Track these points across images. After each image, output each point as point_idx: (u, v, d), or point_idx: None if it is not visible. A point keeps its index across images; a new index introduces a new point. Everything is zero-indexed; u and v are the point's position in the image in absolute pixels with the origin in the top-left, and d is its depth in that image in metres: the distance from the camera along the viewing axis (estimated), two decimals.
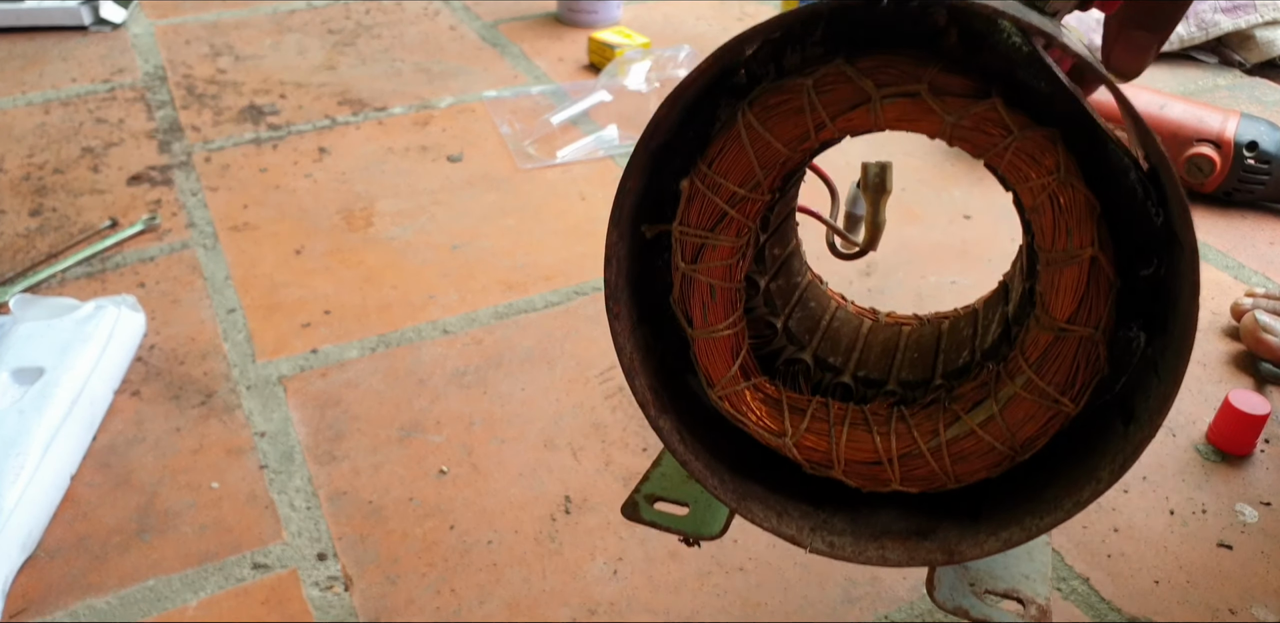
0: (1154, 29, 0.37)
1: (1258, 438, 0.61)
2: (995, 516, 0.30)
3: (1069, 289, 0.27)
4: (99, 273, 0.76)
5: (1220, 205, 0.87)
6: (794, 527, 0.32)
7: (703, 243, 0.30)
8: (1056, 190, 0.27)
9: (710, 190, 0.30)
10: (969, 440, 0.29)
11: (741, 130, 0.29)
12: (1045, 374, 0.28)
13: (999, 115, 0.27)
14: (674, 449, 0.32)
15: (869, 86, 0.27)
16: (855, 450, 0.30)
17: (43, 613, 0.51)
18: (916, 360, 0.34)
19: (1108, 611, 0.52)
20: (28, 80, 1.03)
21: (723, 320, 0.31)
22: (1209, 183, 0.85)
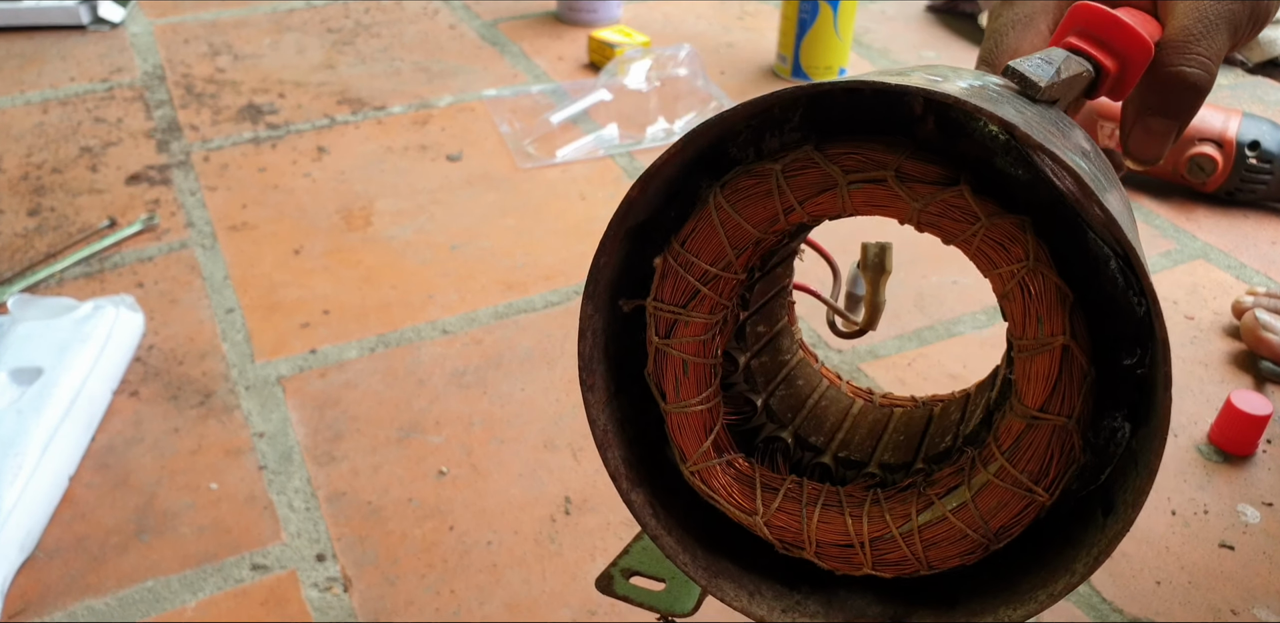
0: (1171, 116, 0.36)
1: (1260, 438, 0.61)
2: (970, 604, 0.29)
3: (1040, 377, 0.27)
4: (97, 273, 0.76)
5: (1222, 205, 0.87)
6: (765, 607, 0.31)
7: (675, 319, 0.31)
8: (1026, 278, 0.27)
9: (683, 268, 0.30)
10: (941, 526, 0.29)
11: (713, 211, 0.29)
12: (1018, 462, 0.28)
13: (966, 202, 0.27)
14: (645, 524, 0.32)
15: (835, 172, 0.28)
16: (827, 532, 0.30)
17: (41, 614, 0.51)
18: (902, 443, 0.34)
19: (1109, 611, 0.52)
20: (26, 79, 1.03)
21: (695, 396, 0.31)
22: (1211, 182, 0.85)
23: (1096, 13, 0.33)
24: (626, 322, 0.33)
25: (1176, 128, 0.37)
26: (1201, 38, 0.36)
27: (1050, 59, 0.30)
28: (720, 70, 1.07)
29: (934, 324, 0.72)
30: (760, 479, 0.31)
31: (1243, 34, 0.37)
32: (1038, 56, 0.30)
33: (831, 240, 0.40)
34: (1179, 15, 0.36)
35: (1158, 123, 0.37)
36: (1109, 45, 0.33)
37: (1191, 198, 0.88)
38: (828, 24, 1.01)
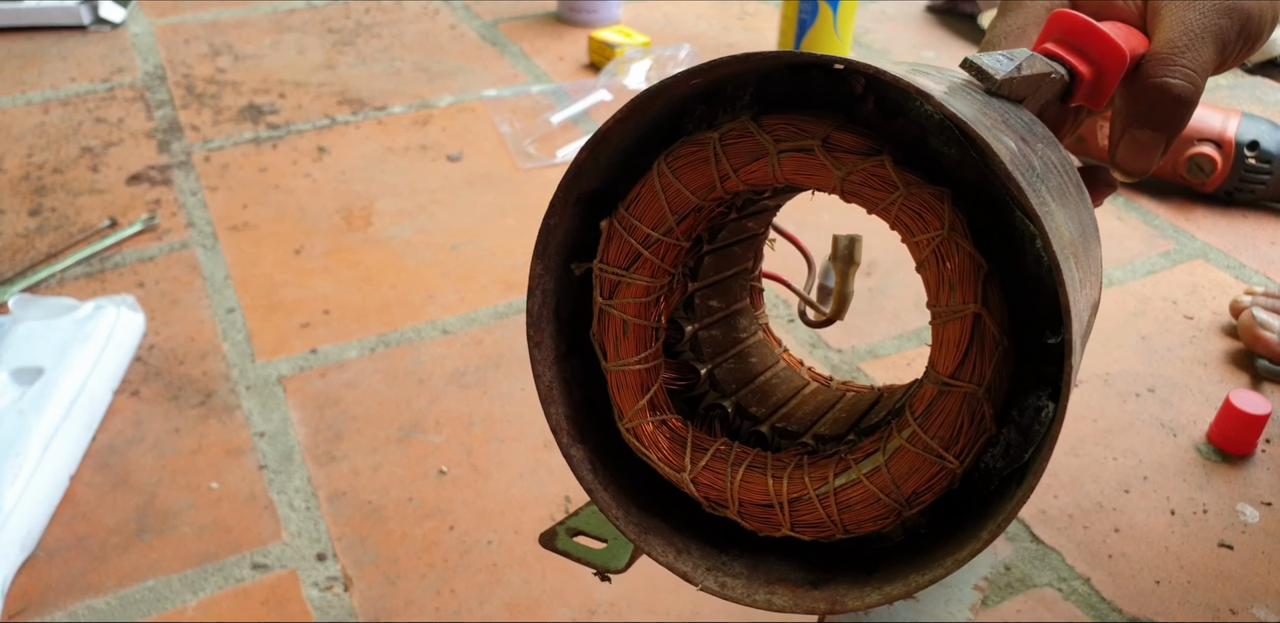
0: (1157, 128, 0.37)
1: (1259, 438, 0.61)
2: (887, 574, 0.31)
3: (951, 344, 0.28)
4: (98, 273, 0.76)
5: (1221, 205, 0.87)
6: (690, 565, 0.33)
7: (619, 280, 0.32)
8: (941, 247, 0.27)
9: (626, 231, 0.32)
10: (856, 489, 0.30)
11: (655, 177, 0.31)
12: (929, 428, 0.28)
13: (887, 172, 0.28)
14: (582, 478, 0.33)
15: (767, 141, 0.29)
16: (749, 491, 0.31)
17: (42, 613, 0.51)
18: (842, 419, 0.35)
19: (1109, 611, 0.52)
20: (27, 80, 1.03)
21: (634, 355, 0.32)
22: (1210, 182, 0.85)
23: (1073, 20, 0.34)
24: (583, 286, 0.34)
25: (1164, 141, 0.37)
26: (1186, 50, 0.36)
27: (1012, 56, 0.31)
28: None
29: None
30: (692, 439, 0.33)
31: (1233, 50, 0.37)
32: (1000, 53, 0.31)
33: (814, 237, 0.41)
34: (1165, 28, 0.36)
35: (1144, 135, 0.37)
36: (1085, 52, 0.34)
37: (1190, 198, 0.88)
38: (827, 24, 1.01)
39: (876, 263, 0.78)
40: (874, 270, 0.77)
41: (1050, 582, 0.54)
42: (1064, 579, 0.54)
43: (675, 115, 0.33)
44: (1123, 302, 0.75)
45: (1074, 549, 0.56)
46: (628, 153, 0.33)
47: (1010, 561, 0.55)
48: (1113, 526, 0.57)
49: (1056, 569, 0.54)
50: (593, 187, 0.33)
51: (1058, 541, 0.56)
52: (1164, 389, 0.67)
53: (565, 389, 0.34)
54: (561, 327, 0.34)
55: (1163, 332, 0.72)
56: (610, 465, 0.34)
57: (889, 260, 0.78)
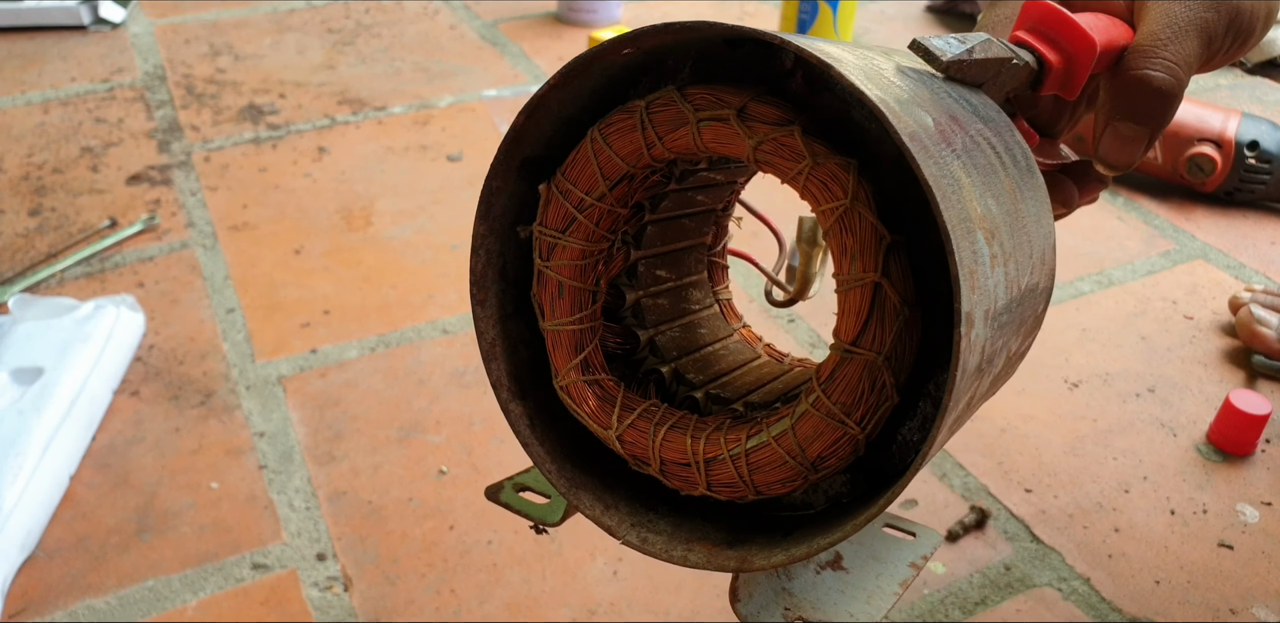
0: (1140, 121, 0.36)
1: (1259, 438, 0.61)
2: (798, 537, 0.32)
3: (853, 312, 0.29)
4: (98, 273, 0.76)
5: (1221, 205, 0.87)
6: (615, 519, 0.34)
7: (555, 243, 0.33)
8: (845, 216, 0.28)
9: (562, 195, 0.33)
10: (765, 451, 0.31)
11: (589, 143, 0.32)
12: (832, 394, 0.29)
13: (796, 142, 0.29)
14: (518, 432, 0.35)
15: (688, 109, 0.30)
16: (670, 450, 0.33)
17: (42, 613, 0.51)
18: (777, 390, 0.36)
19: (1108, 611, 0.52)
20: (27, 80, 1.03)
21: (569, 316, 0.34)
22: (1210, 182, 0.85)
23: (1044, 9, 0.34)
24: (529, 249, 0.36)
25: (1146, 134, 0.37)
26: (1169, 42, 0.35)
27: (965, 39, 0.31)
28: None
29: None
30: (622, 399, 0.34)
31: (1221, 46, 0.37)
32: (951, 35, 0.31)
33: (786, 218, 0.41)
34: (1149, 21, 0.36)
35: (1126, 128, 0.37)
36: (1055, 40, 0.34)
37: (1190, 198, 0.88)
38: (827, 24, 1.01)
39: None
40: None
41: (1050, 582, 0.54)
42: (1064, 579, 0.54)
43: (621, 86, 0.34)
44: (1123, 302, 0.75)
45: (1074, 549, 0.56)
46: (572, 122, 0.34)
47: (1010, 560, 0.55)
48: (1113, 525, 0.57)
49: (1056, 569, 0.54)
50: (537, 153, 0.34)
51: (1057, 540, 0.56)
52: (1164, 389, 0.67)
53: (509, 347, 0.36)
54: (508, 288, 0.36)
55: (1163, 332, 0.72)
56: (550, 425, 0.36)
57: None
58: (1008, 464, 0.61)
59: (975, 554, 0.55)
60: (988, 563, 0.55)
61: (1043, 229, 0.32)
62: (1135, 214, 0.86)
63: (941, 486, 0.59)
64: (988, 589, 0.53)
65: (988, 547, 0.56)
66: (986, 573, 0.54)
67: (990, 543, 0.56)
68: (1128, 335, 0.72)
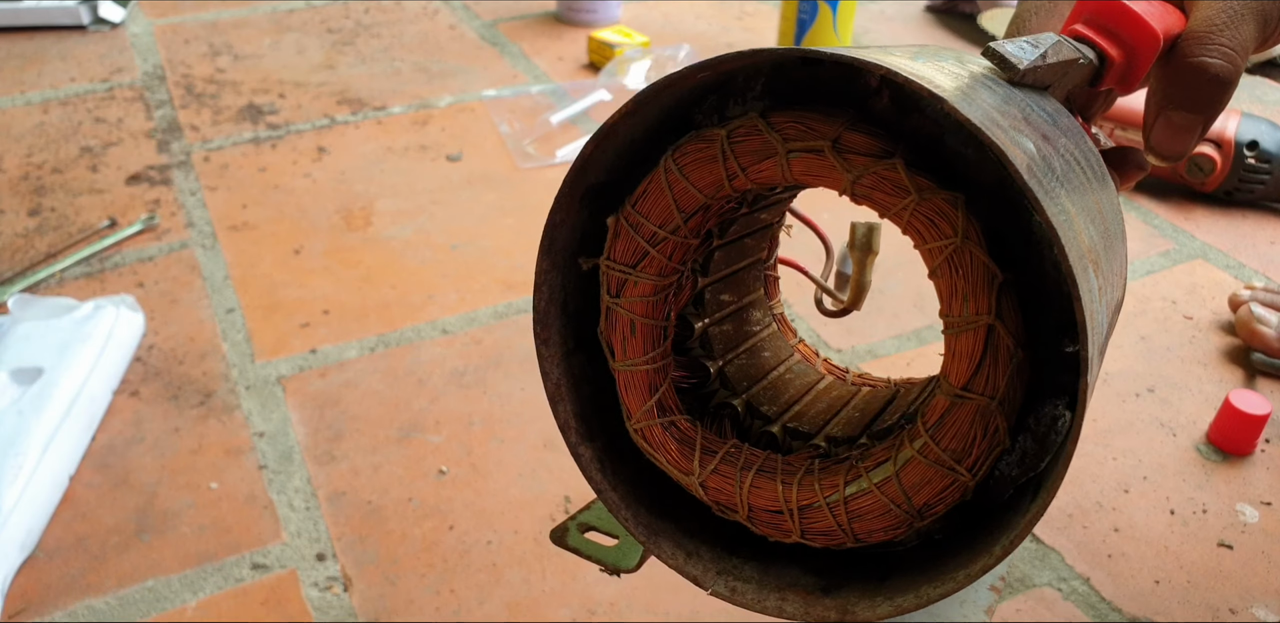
0: (1194, 110, 0.35)
1: (1258, 438, 0.61)
2: (899, 583, 0.30)
3: (965, 356, 0.27)
4: (98, 273, 0.76)
5: (1221, 205, 0.87)
6: (700, 568, 0.32)
7: (625, 278, 0.31)
8: (954, 255, 0.27)
9: (632, 228, 0.31)
10: (866, 498, 0.29)
11: (663, 174, 0.30)
12: (941, 440, 0.28)
13: (899, 176, 0.27)
14: (590, 478, 0.32)
15: (776, 140, 0.28)
16: (759, 497, 0.31)
17: (41, 613, 0.51)
18: (855, 419, 0.34)
19: (1108, 611, 0.52)
20: (26, 80, 1.03)
21: (642, 355, 0.32)
22: (1210, 182, 0.85)
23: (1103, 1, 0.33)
24: (589, 280, 0.33)
25: (1201, 122, 0.36)
26: (1225, 28, 0.34)
27: (1037, 42, 0.30)
28: None
29: (933, 324, 0.72)
30: (701, 441, 0.32)
31: (1273, 28, 0.36)
32: (1023, 39, 0.30)
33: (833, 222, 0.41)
34: (1203, 6, 0.35)
35: (1180, 117, 0.36)
36: (1115, 34, 0.32)
37: (1190, 198, 0.88)
38: (827, 24, 1.01)
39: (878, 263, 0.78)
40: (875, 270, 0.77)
41: (1050, 582, 0.54)
42: (1063, 579, 0.54)
43: (685, 105, 0.32)
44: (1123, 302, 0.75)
45: (1073, 549, 0.56)
46: (633, 144, 0.32)
47: (1010, 560, 0.55)
48: (1112, 525, 0.57)
49: (1056, 569, 0.54)
50: (598, 180, 0.32)
51: (1057, 540, 0.56)
52: (1164, 389, 0.67)
53: (573, 386, 0.33)
54: (568, 322, 0.34)
55: (1162, 332, 0.72)
56: (619, 463, 0.34)
57: (889, 260, 0.78)
58: None
59: None
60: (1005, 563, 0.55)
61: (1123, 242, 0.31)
62: (1135, 214, 0.86)
63: None
64: (1004, 589, 0.53)
65: None
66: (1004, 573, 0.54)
67: None
68: (1127, 335, 0.72)
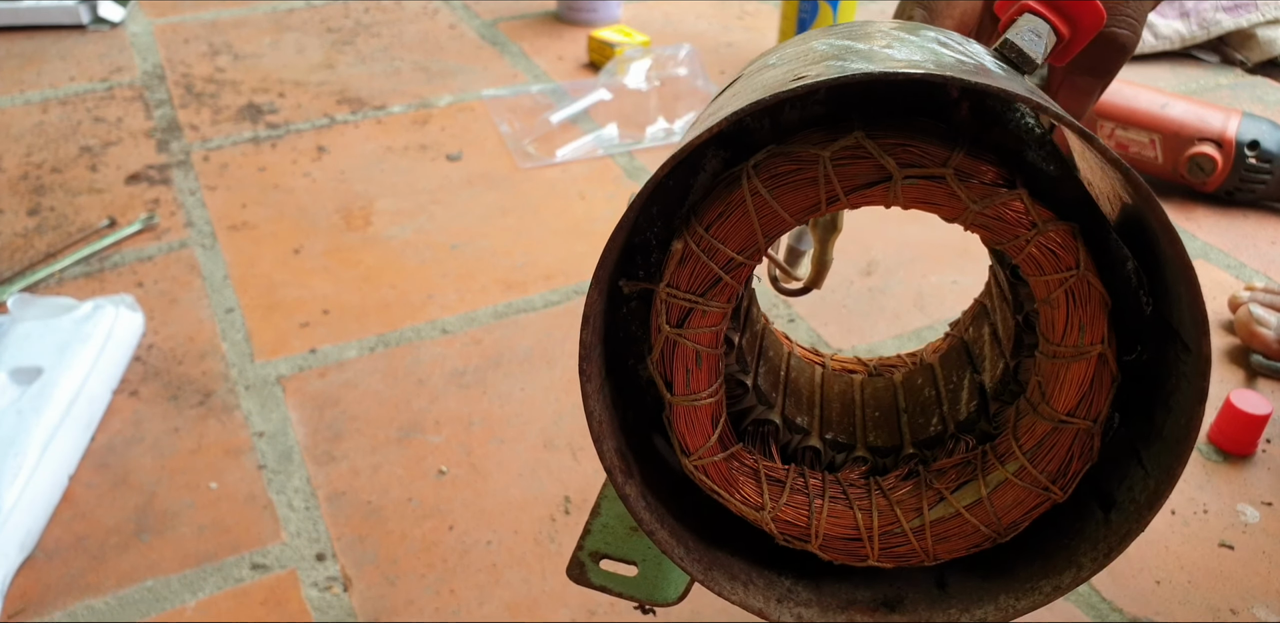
0: (1097, 75, 0.38)
1: (1259, 438, 0.61)
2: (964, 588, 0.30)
3: (1074, 384, 0.27)
4: (97, 272, 0.76)
5: (1222, 204, 0.87)
6: (760, 597, 0.31)
7: (691, 307, 0.29)
8: (1074, 286, 0.26)
9: (706, 254, 0.28)
10: (955, 522, 0.29)
11: (747, 196, 0.27)
12: (1039, 463, 0.28)
13: (1024, 206, 0.26)
14: (641, 519, 0.30)
15: (891, 166, 0.26)
16: (834, 526, 0.30)
17: (41, 613, 0.51)
18: (880, 421, 0.34)
19: (1109, 611, 0.52)
20: (26, 79, 1.03)
21: (706, 388, 0.30)
22: (1210, 182, 0.85)
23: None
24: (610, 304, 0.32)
25: (1100, 86, 0.39)
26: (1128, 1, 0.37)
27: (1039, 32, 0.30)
28: (720, 70, 1.07)
29: (933, 324, 0.72)
30: (765, 472, 0.31)
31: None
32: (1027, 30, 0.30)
33: None
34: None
35: (1084, 81, 0.39)
36: (1065, 12, 0.33)
37: (1191, 197, 0.88)
38: (827, 23, 1.01)
39: (877, 262, 0.78)
40: (874, 270, 0.77)
41: None
42: None
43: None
44: None
45: None
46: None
47: None
48: None
49: None
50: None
51: None
52: None
53: (613, 421, 0.31)
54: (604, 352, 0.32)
55: None
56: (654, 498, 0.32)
57: (889, 260, 0.78)
58: None
59: None
60: None
61: None
62: None
63: None
64: None
65: None
66: None
67: None
68: None
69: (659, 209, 0.31)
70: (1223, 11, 1.09)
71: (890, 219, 0.83)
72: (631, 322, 0.32)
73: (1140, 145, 0.87)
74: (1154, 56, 1.12)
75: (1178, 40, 1.10)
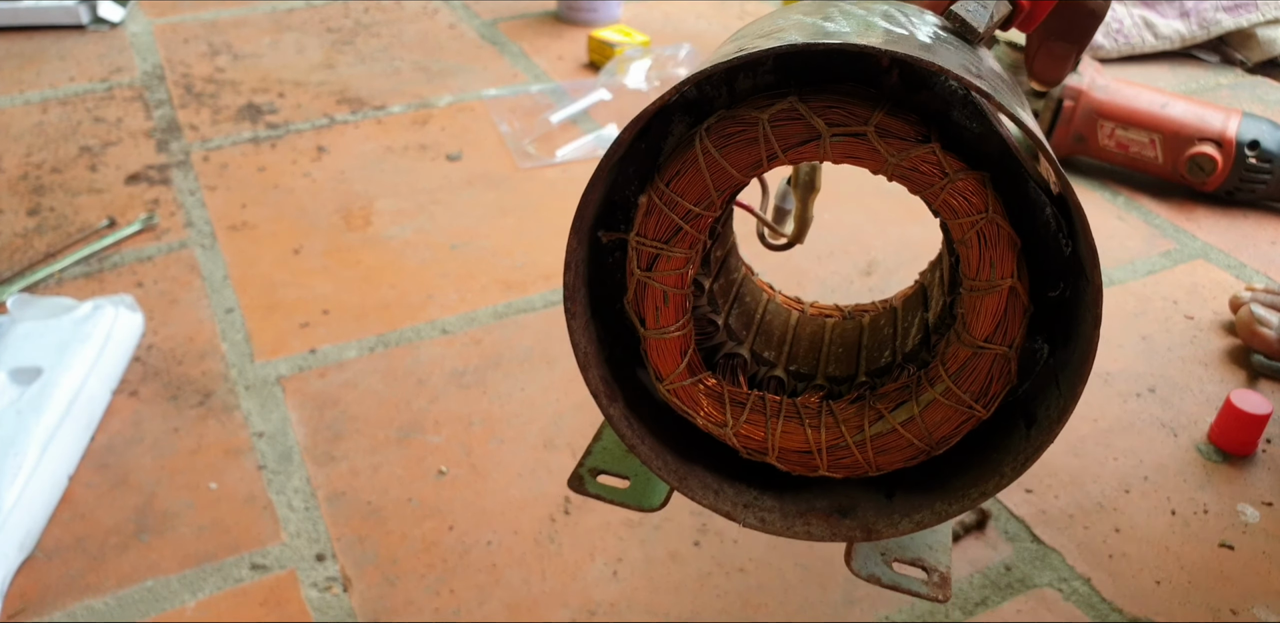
0: (1072, 40, 0.41)
1: (1259, 438, 0.61)
2: (908, 499, 0.34)
3: (988, 313, 0.31)
4: (97, 272, 0.76)
5: (1222, 204, 0.87)
6: (729, 503, 0.36)
7: (657, 253, 0.33)
8: (984, 228, 0.30)
9: (667, 206, 0.33)
10: (891, 437, 0.34)
11: (699, 155, 0.32)
12: (962, 384, 0.32)
13: (936, 158, 0.30)
14: (623, 435, 0.35)
15: (820, 125, 0.30)
16: (788, 440, 0.35)
17: (40, 614, 0.51)
18: (842, 356, 0.39)
19: (1109, 611, 0.52)
20: (25, 79, 1.03)
21: (673, 323, 0.34)
22: (1211, 182, 0.85)
23: None
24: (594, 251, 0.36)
25: (1075, 51, 0.42)
26: None
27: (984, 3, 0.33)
28: None
29: None
30: (729, 395, 0.35)
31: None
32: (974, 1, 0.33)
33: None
34: None
35: (1060, 47, 0.41)
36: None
37: (1191, 197, 0.88)
38: None
39: (877, 262, 0.78)
40: (874, 270, 0.77)
41: (1050, 582, 0.54)
42: (1064, 579, 0.54)
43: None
44: (1123, 301, 0.75)
45: (1074, 549, 0.55)
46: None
47: (1010, 561, 0.55)
48: (1113, 526, 0.57)
49: (1057, 569, 0.54)
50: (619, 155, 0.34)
51: (1058, 541, 0.56)
52: (1164, 389, 0.67)
53: (598, 354, 0.36)
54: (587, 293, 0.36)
55: (1163, 332, 0.72)
56: (637, 419, 0.36)
57: (889, 260, 0.78)
58: None
59: (976, 555, 0.55)
60: (988, 564, 0.55)
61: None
62: (1136, 214, 0.86)
63: None
64: (988, 590, 0.53)
65: (988, 547, 0.56)
66: (987, 573, 0.54)
67: (991, 544, 0.56)
68: (1128, 335, 0.72)
69: (635, 169, 0.35)
70: (1223, 11, 1.09)
71: (891, 220, 0.82)
72: (616, 271, 0.36)
73: (1140, 145, 0.87)
74: (1154, 56, 1.12)
75: (1178, 40, 1.10)
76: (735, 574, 0.54)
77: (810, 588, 0.53)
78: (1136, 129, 0.86)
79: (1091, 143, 0.89)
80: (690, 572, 0.54)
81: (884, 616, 0.52)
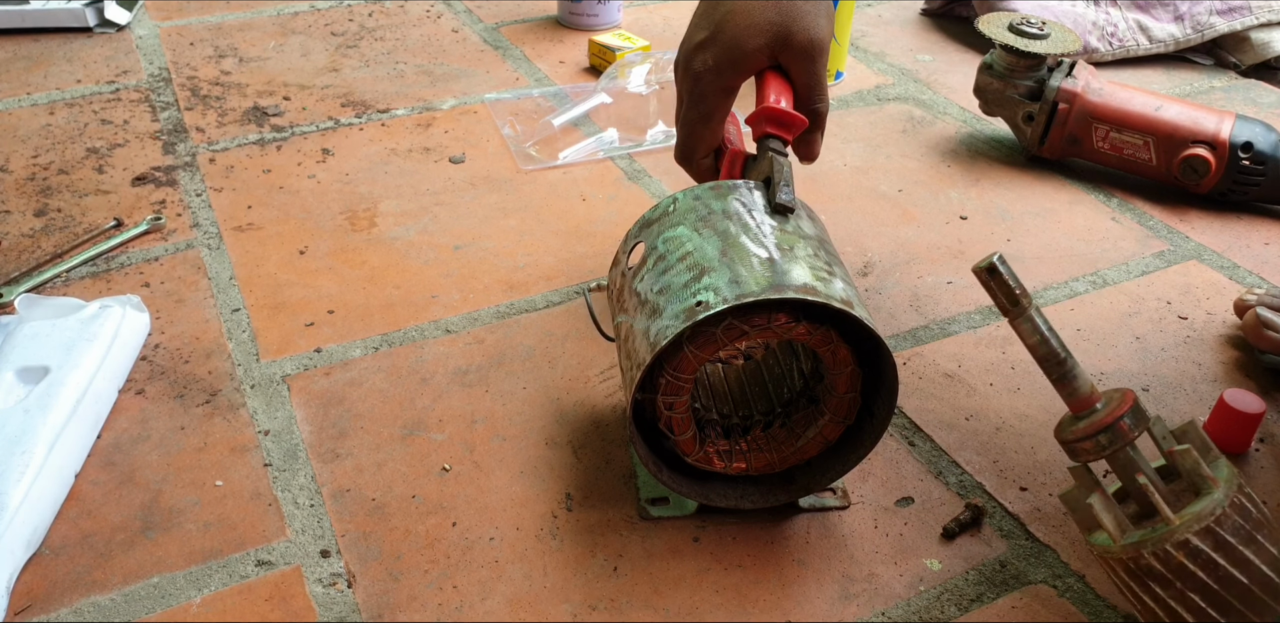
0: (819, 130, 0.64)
1: (1253, 437, 0.62)
2: (820, 467, 0.57)
3: (844, 381, 0.53)
4: (104, 273, 0.77)
5: (1215, 206, 0.87)
6: (733, 499, 0.57)
7: (674, 401, 0.53)
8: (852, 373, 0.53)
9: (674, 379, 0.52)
10: (808, 444, 0.56)
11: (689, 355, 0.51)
12: (838, 415, 0.55)
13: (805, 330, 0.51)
14: (670, 487, 0.56)
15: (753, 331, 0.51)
16: (757, 461, 0.56)
17: (47, 610, 0.52)
18: (759, 394, 0.59)
19: (1103, 608, 0.53)
20: (33, 81, 1.04)
21: (688, 429, 0.54)
22: (1204, 184, 0.86)
23: (778, 112, 0.59)
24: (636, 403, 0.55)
25: (821, 136, 0.65)
26: (819, 83, 0.61)
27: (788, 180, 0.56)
28: None
29: (929, 324, 0.73)
30: (725, 450, 0.56)
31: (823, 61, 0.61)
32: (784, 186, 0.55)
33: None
34: (801, 75, 0.60)
35: (814, 138, 0.64)
36: (786, 125, 0.59)
37: (1185, 199, 0.88)
38: None
39: (873, 264, 0.78)
40: (870, 271, 0.78)
41: (1045, 579, 0.54)
42: (1059, 576, 0.55)
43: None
44: (1117, 302, 0.76)
45: (1068, 546, 0.56)
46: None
47: (1005, 557, 0.56)
48: None
49: (1051, 566, 0.55)
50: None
51: (1052, 537, 0.57)
52: (1158, 389, 0.68)
53: (649, 454, 0.55)
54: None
55: (1157, 332, 0.73)
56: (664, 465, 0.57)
57: (885, 262, 0.79)
58: (1003, 462, 0.62)
59: (971, 552, 0.56)
60: (983, 560, 0.55)
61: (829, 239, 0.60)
62: (1130, 215, 0.87)
63: (937, 483, 0.60)
64: (983, 586, 0.54)
65: (983, 544, 0.56)
66: (982, 570, 0.55)
67: (986, 540, 0.57)
68: (1122, 335, 0.72)
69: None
70: (1217, 15, 1.10)
71: (886, 221, 0.83)
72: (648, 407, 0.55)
73: (1135, 147, 0.88)
74: (1148, 59, 1.13)
75: (1172, 43, 1.11)
76: (734, 570, 0.54)
77: (807, 583, 0.54)
78: (1131, 131, 0.87)
79: (1086, 145, 0.89)
80: (690, 567, 0.54)
81: (879, 611, 0.52)
